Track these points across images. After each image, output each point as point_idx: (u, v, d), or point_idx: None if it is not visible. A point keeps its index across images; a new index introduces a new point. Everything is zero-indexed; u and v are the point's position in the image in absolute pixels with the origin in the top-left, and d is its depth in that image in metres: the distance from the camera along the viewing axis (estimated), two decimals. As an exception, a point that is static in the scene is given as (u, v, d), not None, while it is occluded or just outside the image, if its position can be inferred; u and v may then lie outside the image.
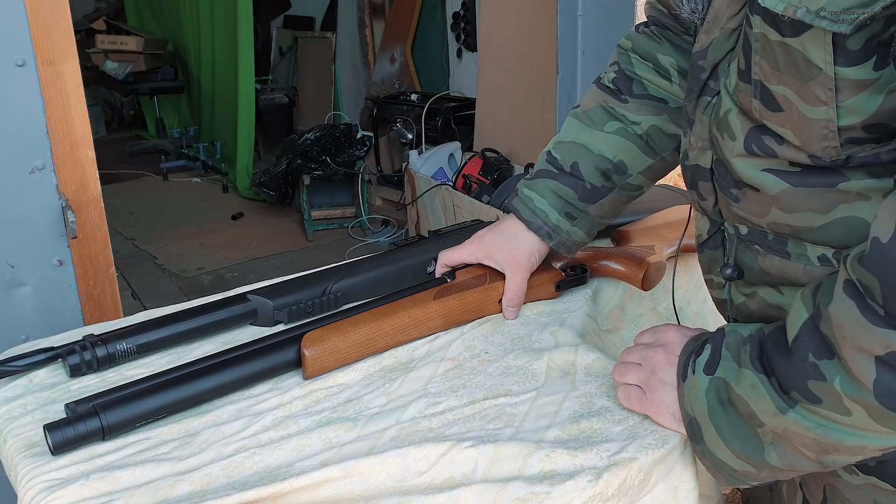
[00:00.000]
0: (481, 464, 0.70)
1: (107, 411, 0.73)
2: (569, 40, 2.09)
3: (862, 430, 0.55)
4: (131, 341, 0.86)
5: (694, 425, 0.68)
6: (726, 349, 0.65)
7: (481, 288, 0.93)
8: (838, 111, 0.56)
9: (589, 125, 0.92)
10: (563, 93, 2.16)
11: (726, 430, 0.64)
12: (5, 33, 1.22)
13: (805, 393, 0.57)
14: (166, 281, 3.62)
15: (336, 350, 0.83)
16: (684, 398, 0.69)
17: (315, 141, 4.04)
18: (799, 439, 0.59)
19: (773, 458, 0.62)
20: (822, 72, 0.55)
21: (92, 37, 5.72)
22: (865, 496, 0.67)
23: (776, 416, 0.59)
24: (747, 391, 0.62)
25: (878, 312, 0.51)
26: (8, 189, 1.27)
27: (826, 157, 0.59)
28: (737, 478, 0.66)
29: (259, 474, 0.69)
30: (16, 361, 0.84)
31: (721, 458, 0.66)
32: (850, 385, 0.54)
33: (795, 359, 0.57)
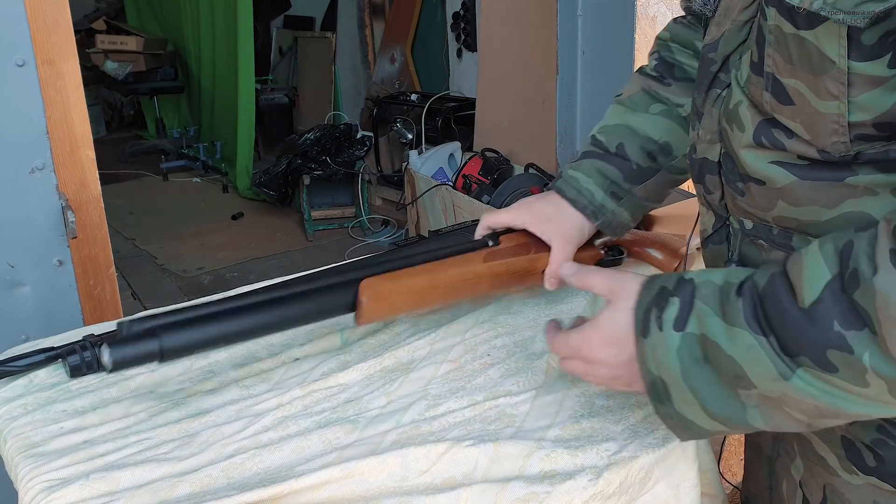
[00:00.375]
0: (482, 463, 0.70)
1: (167, 334, 0.69)
2: (569, 40, 2.09)
3: (874, 401, 0.53)
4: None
5: (658, 385, 0.62)
6: (702, 302, 0.59)
7: (528, 257, 0.91)
8: (850, 106, 0.56)
9: (633, 109, 0.92)
10: (563, 93, 2.16)
11: (703, 391, 0.59)
12: (5, 33, 1.22)
13: (820, 361, 0.52)
14: (166, 281, 3.62)
15: (391, 299, 0.81)
16: (646, 357, 0.62)
17: (315, 141, 4.04)
18: (796, 404, 0.55)
19: (756, 420, 0.58)
20: (836, 66, 0.55)
21: (92, 37, 5.72)
22: (865, 496, 0.66)
23: (776, 381, 0.55)
24: (742, 353, 0.56)
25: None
26: (8, 189, 1.27)
27: (835, 152, 0.58)
28: (701, 434, 0.63)
29: (259, 476, 0.69)
30: (16, 361, 0.84)
31: (692, 419, 0.61)
32: (883, 362, 0.50)
33: (815, 324, 0.52)
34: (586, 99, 2.09)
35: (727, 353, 0.57)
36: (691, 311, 0.60)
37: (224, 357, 0.89)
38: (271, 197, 4.22)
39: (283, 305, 0.77)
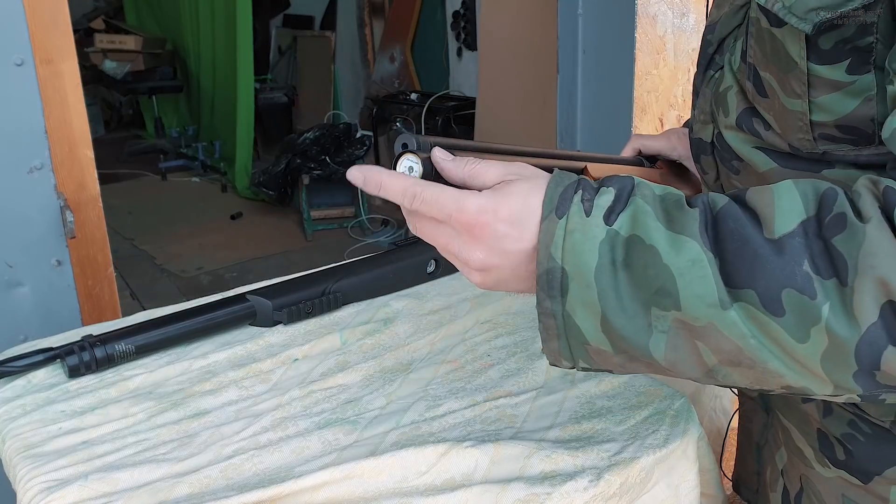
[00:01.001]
0: (482, 464, 0.70)
1: None
2: (569, 40, 2.08)
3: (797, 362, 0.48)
4: (130, 342, 0.86)
5: (555, 276, 0.51)
6: (643, 200, 0.51)
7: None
8: (810, 106, 0.57)
9: None
10: (563, 92, 2.16)
11: (610, 295, 0.50)
12: (4, 32, 1.22)
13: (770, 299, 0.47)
14: (165, 281, 3.62)
15: None
16: (555, 240, 0.51)
17: (314, 140, 4.04)
18: (717, 341, 0.49)
19: (658, 349, 0.50)
20: (798, 66, 0.56)
21: (90, 36, 5.72)
22: (835, 489, 0.67)
23: (711, 308, 0.48)
24: (684, 265, 0.48)
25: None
26: (6, 189, 1.27)
27: (802, 148, 0.59)
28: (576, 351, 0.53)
29: (258, 476, 0.69)
30: (15, 362, 0.83)
31: (579, 324, 0.51)
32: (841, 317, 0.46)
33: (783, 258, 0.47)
34: (586, 99, 2.09)
35: (663, 261, 0.49)
36: (625, 207, 0.51)
37: (223, 357, 0.89)
38: (270, 197, 4.22)
39: None
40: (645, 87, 1.92)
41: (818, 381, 0.49)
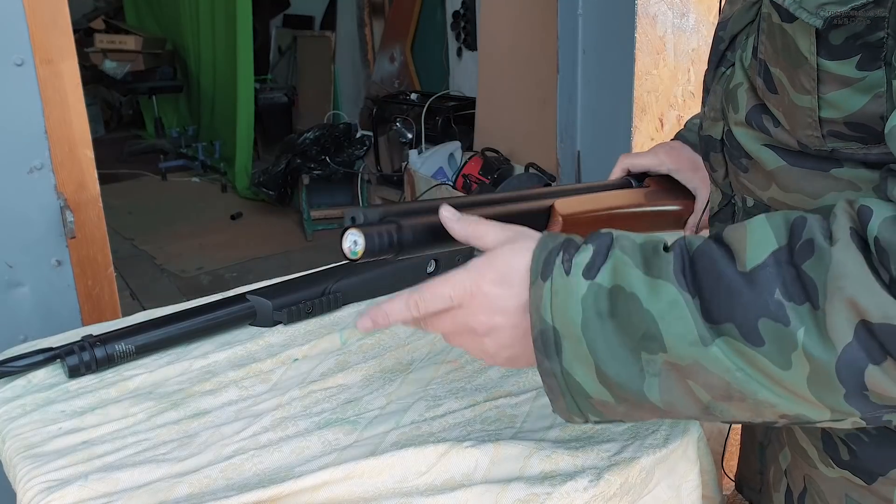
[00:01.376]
0: (482, 464, 0.70)
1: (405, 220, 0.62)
2: (569, 40, 2.08)
3: (785, 389, 0.49)
4: (130, 342, 0.86)
5: (548, 336, 0.54)
6: (622, 252, 0.53)
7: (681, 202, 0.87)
8: (819, 102, 0.56)
9: None
10: (563, 92, 2.15)
11: (601, 347, 0.52)
12: (3, 32, 1.22)
13: (749, 330, 0.48)
14: (165, 281, 3.62)
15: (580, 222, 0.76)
16: (541, 302, 0.54)
17: (314, 140, 4.04)
18: (705, 378, 0.50)
19: (653, 393, 0.52)
20: (807, 61, 0.56)
21: (90, 36, 5.72)
22: (838, 489, 0.67)
23: (693, 346, 0.49)
24: (662, 308, 0.50)
25: (884, 277, 0.46)
26: (6, 189, 1.27)
27: (811, 145, 0.59)
28: (583, 407, 0.55)
29: (258, 476, 0.69)
30: (15, 362, 0.83)
31: (578, 379, 0.54)
32: (816, 340, 0.47)
33: (755, 289, 0.48)
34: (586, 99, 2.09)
35: (644, 306, 0.51)
36: (606, 260, 0.53)
37: (223, 357, 0.89)
38: (270, 197, 4.22)
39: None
40: (645, 87, 1.92)
41: (812, 407, 0.50)
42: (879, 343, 0.46)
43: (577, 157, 2.15)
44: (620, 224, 0.77)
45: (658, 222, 0.87)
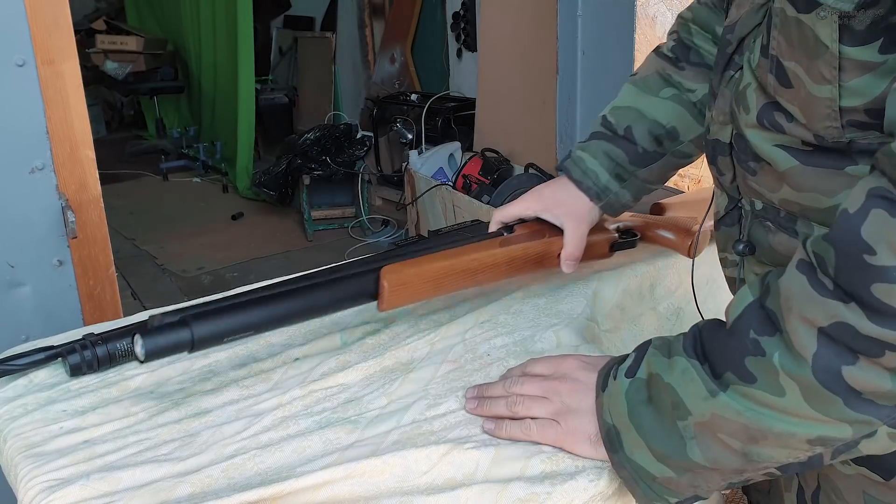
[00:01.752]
0: (483, 464, 0.70)
1: (197, 323, 0.71)
2: (569, 40, 2.09)
3: (793, 415, 0.54)
4: (132, 340, 0.86)
5: (612, 434, 0.65)
6: (653, 348, 0.64)
7: (542, 241, 0.93)
8: (840, 91, 0.56)
9: (645, 91, 0.94)
10: (563, 93, 2.16)
11: (647, 427, 0.62)
12: (5, 33, 1.22)
13: (740, 371, 0.56)
14: (166, 281, 3.62)
15: (412, 285, 0.84)
16: (602, 408, 0.66)
17: (315, 141, 4.05)
18: (727, 426, 0.57)
19: (696, 454, 0.59)
20: (829, 50, 0.55)
21: (92, 37, 5.72)
22: (856, 486, 0.67)
23: (706, 401, 0.58)
24: (677, 377, 0.60)
25: (828, 286, 0.51)
26: (8, 189, 1.27)
27: (828, 136, 0.59)
28: (655, 489, 0.63)
29: (260, 476, 0.69)
30: (15, 361, 0.84)
31: (640, 463, 0.63)
32: (789, 359, 0.53)
33: (735, 336, 0.57)
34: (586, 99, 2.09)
35: (665, 380, 0.61)
36: (643, 359, 0.65)
37: (224, 357, 0.89)
38: (271, 197, 4.22)
39: (309, 294, 0.79)
40: (645, 87, 1.92)
41: (827, 425, 0.54)
42: (843, 343, 0.50)
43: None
44: (481, 276, 0.89)
45: (528, 264, 0.93)
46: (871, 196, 0.49)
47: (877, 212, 0.48)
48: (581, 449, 0.69)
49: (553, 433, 0.70)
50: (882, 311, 0.48)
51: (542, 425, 0.71)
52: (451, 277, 0.87)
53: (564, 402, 0.71)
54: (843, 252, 0.50)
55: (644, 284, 1.07)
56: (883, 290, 0.48)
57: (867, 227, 0.49)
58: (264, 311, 0.76)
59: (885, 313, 0.48)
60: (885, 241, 0.48)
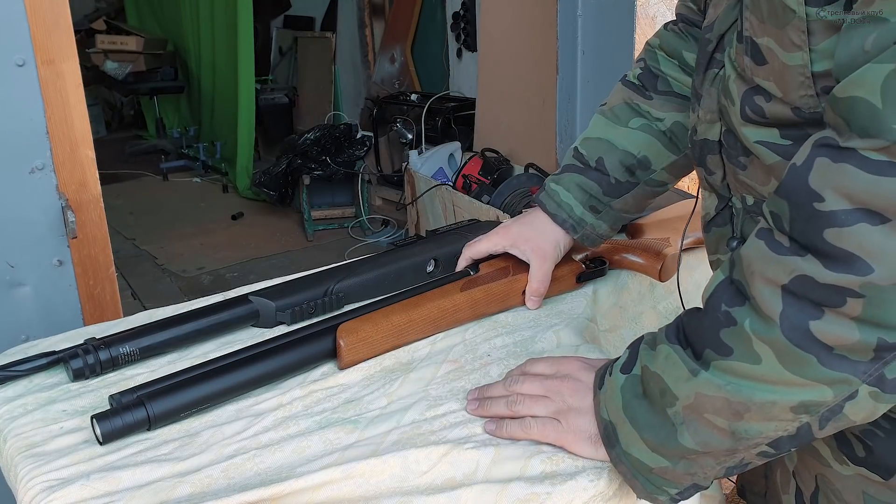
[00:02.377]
0: (483, 464, 0.70)
1: (153, 402, 0.74)
2: (569, 40, 2.09)
3: (771, 382, 0.54)
4: (134, 344, 0.86)
5: (609, 429, 0.66)
6: (644, 343, 0.66)
7: (506, 280, 0.95)
8: (812, 55, 0.57)
9: (614, 121, 0.95)
10: (563, 93, 2.16)
11: (640, 419, 0.63)
12: (5, 33, 1.22)
13: (717, 346, 0.57)
14: (166, 281, 3.62)
15: (369, 340, 0.85)
16: (599, 406, 0.68)
17: (315, 141, 4.04)
18: (710, 403, 0.58)
19: (687, 439, 0.60)
20: (796, 14, 0.56)
21: (92, 37, 5.72)
22: (855, 486, 0.67)
23: (688, 382, 0.59)
24: (661, 364, 0.62)
25: (785, 244, 0.52)
26: (8, 189, 1.27)
27: (805, 107, 0.59)
28: (653, 481, 0.64)
29: (260, 476, 0.69)
30: (17, 366, 0.83)
31: (636, 455, 0.64)
32: (759, 323, 0.54)
33: (709, 313, 0.58)
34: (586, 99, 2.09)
35: (652, 369, 0.63)
36: (637, 355, 0.66)
37: (224, 357, 0.89)
38: (271, 197, 4.22)
39: (265, 360, 0.81)
40: (645, 87, 1.92)
41: (809, 389, 0.54)
42: (806, 298, 0.51)
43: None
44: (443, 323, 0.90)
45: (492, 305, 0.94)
46: (815, 146, 0.51)
47: (820, 160, 0.50)
48: (581, 448, 0.69)
49: (554, 432, 0.71)
50: (836, 257, 0.49)
51: (542, 424, 0.71)
52: (412, 327, 0.88)
53: (566, 402, 0.71)
54: (795, 204, 0.51)
55: (644, 283, 1.07)
56: (833, 234, 0.49)
57: (813, 176, 0.50)
58: (220, 383, 0.78)
59: (839, 258, 0.49)
60: (829, 186, 0.49)
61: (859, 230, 0.48)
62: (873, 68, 0.48)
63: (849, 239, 0.48)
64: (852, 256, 0.48)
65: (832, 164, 0.49)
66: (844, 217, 0.48)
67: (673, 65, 0.93)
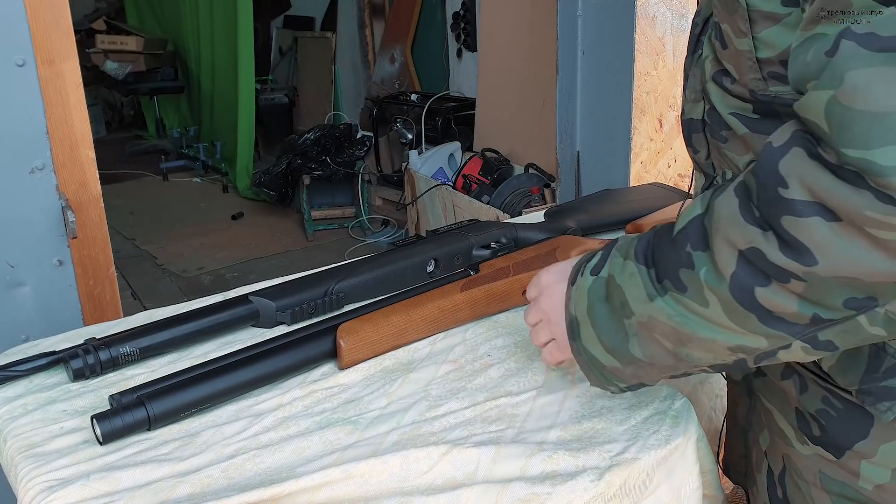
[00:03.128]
0: (483, 464, 0.70)
1: (153, 402, 0.74)
2: (569, 40, 2.08)
3: (715, 324, 0.58)
4: (134, 344, 0.86)
5: (574, 324, 0.70)
6: (616, 250, 0.68)
7: (506, 280, 0.96)
8: (755, 42, 0.60)
9: None
10: (563, 93, 2.16)
11: (600, 322, 0.67)
12: (5, 33, 1.22)
13: (675, 280, 0.60)
14: (166, 281, 3.62)
15: (370, 340, 0.85)
16: (570, 301, 0.71)
17: (315, 141, 4.04)
18: (660, 327, 0.62)
19: (636, 350, 0.65)
20: (740, 4, 0.60)
21: (92, 37, 5.72)
22: (813, 466, 0.70)
23: (645, 303, 0.62)
24: (626, 279, 0.64)
25: (754, 213, 0.54)
26: (8, 189, 1.27)
27: (757, 90, 0.62)
28: (605, 376, 0.69)
29: (259, 476, 0.69)
30: (18, 366, 0.83)
31: (593, 353, 0.69)
32: (712, 275, 0.56)
33: (676, 247, 0.60)
34: (586, 99, 2.09)
35: (617, 281, 0.65)
36: (607, 259, 0.68)
37: (224, 357, 0.89)
38: (271, 197, 4.22)
39: (265, 360, 0.81)
40: (644, 87, 1.92)
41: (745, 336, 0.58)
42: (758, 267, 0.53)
43: (577, 157, 2.15)
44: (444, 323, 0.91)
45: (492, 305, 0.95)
46: (796, 135, 0.52)
47: (797, 150, 0.52)
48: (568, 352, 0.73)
49: (558, 352, 0.75)
50: (789, 243, 0.51)
51: (549, 350, 0.76)
52: (412, 328, 0.88)
53: (551, 320, 0.75)
54: (762, 183, 0.53)
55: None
56: (790, 222, 0.51)
57: (784, 162, 0.52)
58: (221, 383, 0.78)
59: (792, 245, 0.51)
60: (797, 176, 0.51)
61: (813, 223, 0.50)
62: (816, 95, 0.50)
63: (802, 229, 0.51)
64: (802, 246, 0.51)
65: (807, 156, 0.51)
66: (802, 208, 0.50)
67: None
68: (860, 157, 0.47)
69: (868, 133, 0.47)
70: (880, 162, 0.46)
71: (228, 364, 0.80)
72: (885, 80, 0.46)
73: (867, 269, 0.49)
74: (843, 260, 0.50)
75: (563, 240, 1.05)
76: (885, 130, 0.46)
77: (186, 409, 0.76)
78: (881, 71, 0.46)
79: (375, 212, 4.26)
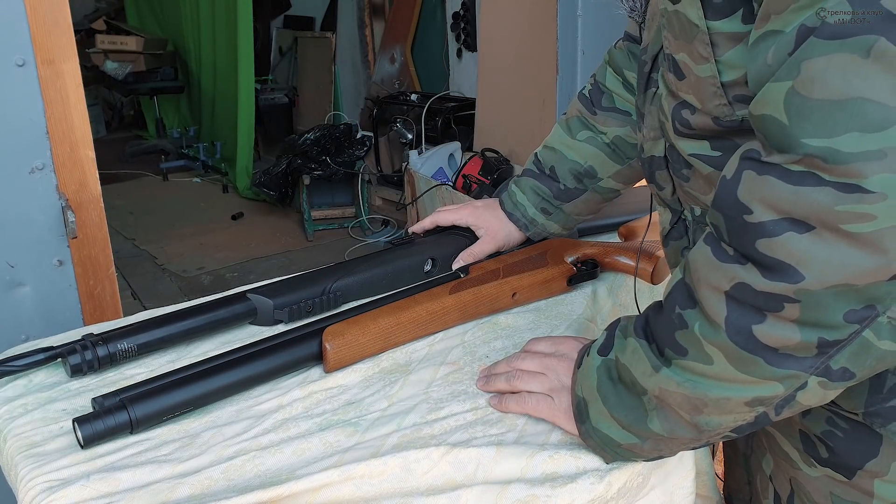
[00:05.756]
0: (483, 465, 0.70)
1: (135, 405, 0.74)
2: (569, 40, 2.09)
3: (725, 380, 0.56)
4: (132, 340, 0.86)
5: (581, 405, 0.69)
6: (619, 331, 0.67)
7: (495, 283, 0.96)
8: (719, 66, 0.59)
9: (567, 133, 1.05)
10: (563, 93, 2.16)
11: (612, 399, 0.65)
12: (5, 33, 1.22)
13: (674, 346, 0.59)
14: (166, 281, 3.62)
15: (356, 343, 0.84)
16: (576, 383, 0.70)
17: (315, 141, 4.04)
18: (672, 398, 0.60)
19: (656, 425, 0.63)
20: (699, 28, 0.59)
21: (92, 37, 5.72)
22: (823, 488, 0.69)
23: (652, 376, 0.61)
24: (629, 357, 0.64)
25: (728, 252, 0.54)
26: (8, 189, 1.27)
27: (722, 116, 0.61)
28: (621, 453, 0.67)
29: (260, 478, 0.69)
30: (16, 361, 0.84)
31: (606, 432, 0.66)
32: (707, 327, 0.55)
33: (666, 313, 0.60)
34: (586, 99, 2.09)
35: (622, 360, 0.65)
36: (613, 340, 0.68)
37: (224, 357, 0.89)
38: (271, 197, 4.22)
39: (251, 363, 0.80)
40: (645, 87, 1.92)
41: (758, 386, 0.55)
42: (747, 303, 0.53)
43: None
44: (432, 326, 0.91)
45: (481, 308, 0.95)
46: (742, 159, 0.52)
47: (747, 173, 0.52)
48: (570, 426, 0.72)
49: (547, 408, 0.73)
50: (769, 266, 0.51)
51: (537, 399, 0.74)
52: (400, 330, 0.88)
53: (560, 380, 0.73)
54: (728, 216, 0.53)
55: (641, 281, 1.07)
56: (764, 244, 0.50)
57: (741, 189, 0.52)
58: (205, 386, 0.77)
59: (772, 267, 0.51)
60: (756, 198, 0.51)
61: (788, 239, 0.49)
62: (774, 87, 0.49)
63: (779, 248, 0.50)
64: (784, 265, 0.50)
65: (757, 176, 0.51)
66: (773, 227, 0.50)
67: (617, 81, 1.01)
68: (823, 145, 0.46)
69: (828, 121, 0.46)
70: (843, 149, 0.46)
71: (213, 367, 0.80)
72: (839, 67, 0.46)
73: (854, 271, 0.48)
74: (827, 268, 0.49)
75: (555, 242, 1.05)
76: (845, 117, 0.46)
77: (170, 412, 0.75)
78: (835, 58, 0.46)
79: (375, 212, 4.26)
